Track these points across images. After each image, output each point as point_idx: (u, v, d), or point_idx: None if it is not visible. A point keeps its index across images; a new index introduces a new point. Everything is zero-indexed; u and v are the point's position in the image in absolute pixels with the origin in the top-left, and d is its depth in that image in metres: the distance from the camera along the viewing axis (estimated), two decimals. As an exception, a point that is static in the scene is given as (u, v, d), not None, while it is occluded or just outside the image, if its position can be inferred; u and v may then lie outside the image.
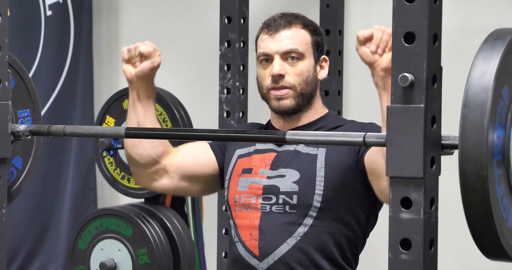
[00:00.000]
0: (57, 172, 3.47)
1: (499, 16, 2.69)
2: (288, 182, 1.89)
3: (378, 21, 2.89)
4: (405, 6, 1.35)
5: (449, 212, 2.64)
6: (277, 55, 1.91)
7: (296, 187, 1.88)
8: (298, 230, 1.86)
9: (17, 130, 1.82)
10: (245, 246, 1.90)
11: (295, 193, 1.87)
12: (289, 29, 1.93)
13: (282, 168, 1.91)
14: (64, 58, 3.45)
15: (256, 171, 1.94)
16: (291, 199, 1.87)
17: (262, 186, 1.91)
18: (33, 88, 1.93)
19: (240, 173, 1.96)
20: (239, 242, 1.92)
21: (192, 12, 3.29)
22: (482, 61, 1.31)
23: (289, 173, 1.90)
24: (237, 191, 1.95)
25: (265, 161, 1.94)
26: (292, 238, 1.86)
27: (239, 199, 1.93)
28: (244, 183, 1.94)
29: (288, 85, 1.91)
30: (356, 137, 1.49)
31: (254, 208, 1.91)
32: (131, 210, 2.78)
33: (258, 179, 1.93)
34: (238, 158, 2.00)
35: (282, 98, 1.91)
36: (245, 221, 1.91)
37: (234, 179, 1.97)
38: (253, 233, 1.89)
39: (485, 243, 1.33)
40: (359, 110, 2.95)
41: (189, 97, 3.14)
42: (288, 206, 1.88)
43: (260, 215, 1.90)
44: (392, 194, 1.36)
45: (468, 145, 1.28)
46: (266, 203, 1.90)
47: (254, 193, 1.92)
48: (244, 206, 1.92)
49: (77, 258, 2.84)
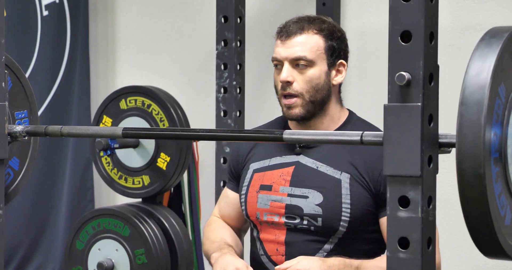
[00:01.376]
0: (54, 172, 3.46)
1: (495, 14, 2.69)
2: (311, 205, 1.89)
3: (375, 19, 2.90)
4: (402, 4, 1.35)
5: (446, 210, 2.65)
6: (286, 62, 1.91)
7: (320, 210, 1.88)
8: (325, 247, 1.89)
9: (14, 131, 1.81)
10: (271, 260, 1.93)
11: (319, 216, 1.89)
12: (301, 35, 1.91)
13: (303, 187, 1.91)
14: (60, 58, 3.45)
15: (276, 189, 1.94)
16: (315, 221, 1.89)
17: (284, 205, 1.92)
18: (30, 89, 1.92)
19: (258, 189, 1.96)
20: (264, 256, 1.94)
21: (188, 11, 3.29)
22: (479, 59, 1.31)
23: (312, 195, 1.90)
24: (257, 208, 1.95)
25: (284, 178, 1.94)
26: (319, 253, 1.88)
27: (261, 216, 1.95)
28: (265, 201, 1.94)
29: (295, 93, 1.90)
30: (353, 136, 1.49)
31: (279, 225, 1.93)
32: (128, 210, 2.78)
33: (280, 198, 1.93)
34: (254, 172, 1.99)
35: (291, 107, 1.92)
36: (270, 236, 1.93)
37: (252, 195, 1.97)
38: (279, 249, 1.92)
39: (482, 241, 1.33)
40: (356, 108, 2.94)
41: (186, 96, 3.14)
42: (313, 227, 1.90)
43: (285, 231, 1.92)
44: (389, 193, 1.36)
45: (465, 143, 1.28)
46: (289, 222, 1.92)
47: (276, 212, 1.93)
48: (267, 223, 1.94)
49: (75, 258, 2.84)
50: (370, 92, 2.92)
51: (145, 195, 2.83)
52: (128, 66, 3.42)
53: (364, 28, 2.92)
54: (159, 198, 2.89)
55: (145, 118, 2.79)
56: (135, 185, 2.84)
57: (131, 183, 2.84)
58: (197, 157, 2.91)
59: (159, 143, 2.77)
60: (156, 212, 2.80)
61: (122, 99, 2.82)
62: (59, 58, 3.44)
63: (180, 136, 1.87)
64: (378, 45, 2.86)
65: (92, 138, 2.73)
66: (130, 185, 2.84)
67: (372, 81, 2.91)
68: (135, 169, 2.83)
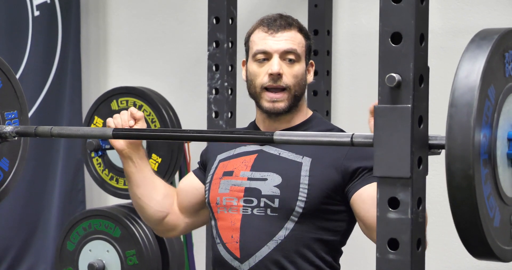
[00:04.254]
0: (45, 173, 3.46)
1: (486, 16, 2.70)
2: (269, 186, 1.89)
3: (366, 21, 2.90)
4: (392, 6, 1.35)
5: (436, 212, 2.65)
6: (276, 54, 1.91)
7: (277, 191, 1.88)
8: (279, 233, 1.87)
9: (3, 131, 1.81)
10: (226, 248, 1.90)
11: (276, 197, 1.87)
12: (289, 31, 1.93)
13: (263, 171, 1.91)
14: (52, 58, 3.44)
15: (237, 174, 1.94)
16: (272, 202, 1.87)
17: (243, 188, 1.91)
18: (21, 90, 1.92)
19: (221, 176, 1.96)
20: (220, 244, 1.92)
21: (180, 12, 3.28)
22: (469, 61, 1.32)
23: (271, 177, 1.90)
24: (218, 193, 1.94)
25: (245, 163, 1.95)
26: (273, 241, 1.86)
27: (220, 201, 1.94)
28: (225, 185, 1.94)
29: (284, 86, 1.90)
30: (343, 137, 1.49)
31: (236, 210, 1.91)
32: (119, 211, 2.77)
33: (240, 181, 1.93)
34: (220, 162, 2.00)
35: (277, 101, 1.91)
36: (226, 223, 1.92)
37: (215, 181, 1.97)
38: (234, 235, 1.90)
39: (472, 243, 1.34)
40: (348, 110, 2.96)
41: (177, 97, 3.14)
42: (270, 209, 1.88)
43: (241, 217, 1.90)
44: (379, 194, 1.37)
45: (454, 145, 1.29)
46: (247, 205, 1.90)
47: (235, 195, 1.92)
48: (225, 208, 1.93)
49: (66, 259, 2.83)
50: (361, 94, 2.93)
51: (136, 196, 2.82)
52: (119, 67, 3.42)
53: (356, 29, 2.93)
54: (150, 199, 2.89)
55: (137, 119, 2.79)
56: (126, 186, 2.83)
57: (122, 184, 2.84)
58: (189, 158, 2.91)
59: (151, 144, 2.77)
60: (147, 213, 2.80)
61: (114, 100, 2.82)
62: (50, 59, 3.44)
63: (171, 137, 1.87)
64: (370, 47, 2.87)
65: (83, 138, 2.73)
66: (122, 186, 2.84)
67: (363, 83, 2.91)
68: (126, 170, 2.82)
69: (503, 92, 1.38)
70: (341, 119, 2.95)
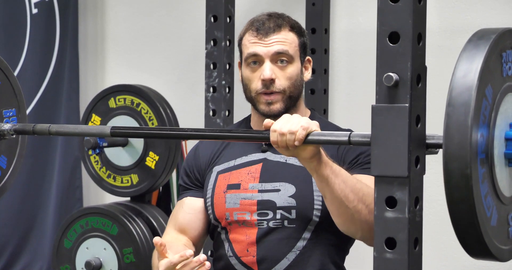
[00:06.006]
0: (42, 171, 3.45)
1: (483, 16, 2.70)
2: (284, 197, 1.86)
3: (364, 20, 2.90)
4: (390, 6, 1.35)
5: (433, 211, 2.66)
6: (267, 58, 1.88)
7: (293, 202, 1.85)
8: (297, 245, 1.85)
9: (2, 129, 1.81)
10: (241, 262, 1.87)
11: (293, 208, 1.85)
12: (279, 32, 1.89)
13: (274, 181, 1.88)
14: (49, 56, 3.44)
15: (245, 186, 1.89)
16: (289, 214, 1.85)
17: (256, 202, 1.87)
18: (19, 88, 1.92)
19: (226, 189, 1.91)
20: (233, 257, 1.89)
21: (178, 10, 3.28)
22: (466, 61, 1.32)
23: (284, 187, 1.87)
24: (226, 208, 1.89)
25: (252, 175, 1.90)
26: (292, 252, 1.85)
27: (230, 216, 1.89)
28: (234, 200, 1.89)
29: (278, 90, 1.88)
30: (341, 137, 1.50)
31: (250, 224, 1.87)
32: (117, 209, 2.77)
33: (250, 195, 1.88)
34: (218, 174, 1.94)
35: (272, 103, 1.89)
36: (240, 237, 1.88)
37: (219, 196, 1.91)
38: (250, 249, 1.87)
39: (469, 242, 1.34)
40: (345, 108, 2.96)
41: (175, 95, 3.14)
42: (287, 221, 1.86)
43: (256, 231, 1.87)
44: (377, 193, 1.37)
45: (452, 144, 1.29)
46: (262, 219, 1.87)
47: (247, 210, 1.88)
48: (238, 222, 1.89)
49: (63, 257, 2.83)
50: (358, 93, 2.93)
51: (133, 194, 2.83)
52: (117, 65, 3.42)
53: (354, 28, 2.93)
54: (147, 197, 2.89)
55: (134, 117, 2.79)
56: (123, 184, 2.84)
57: (119, 181, 2.84)
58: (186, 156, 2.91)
59: (148, 142, 2.77)
60: (145, 211, 2.80)
61: (111, 98, 2.82)
62: (48, 56, 3.44)
63: (169, 135, 1.87)
64: (367, 45, 2.87)
65: (80, 136, 2.73)
66: (119, 184, 2.84)
67: (361, 81, 2.92)
68: (124, 168, 2.83)
69: (501, 91, 1.39)
70: (338, 117, 2.96)
